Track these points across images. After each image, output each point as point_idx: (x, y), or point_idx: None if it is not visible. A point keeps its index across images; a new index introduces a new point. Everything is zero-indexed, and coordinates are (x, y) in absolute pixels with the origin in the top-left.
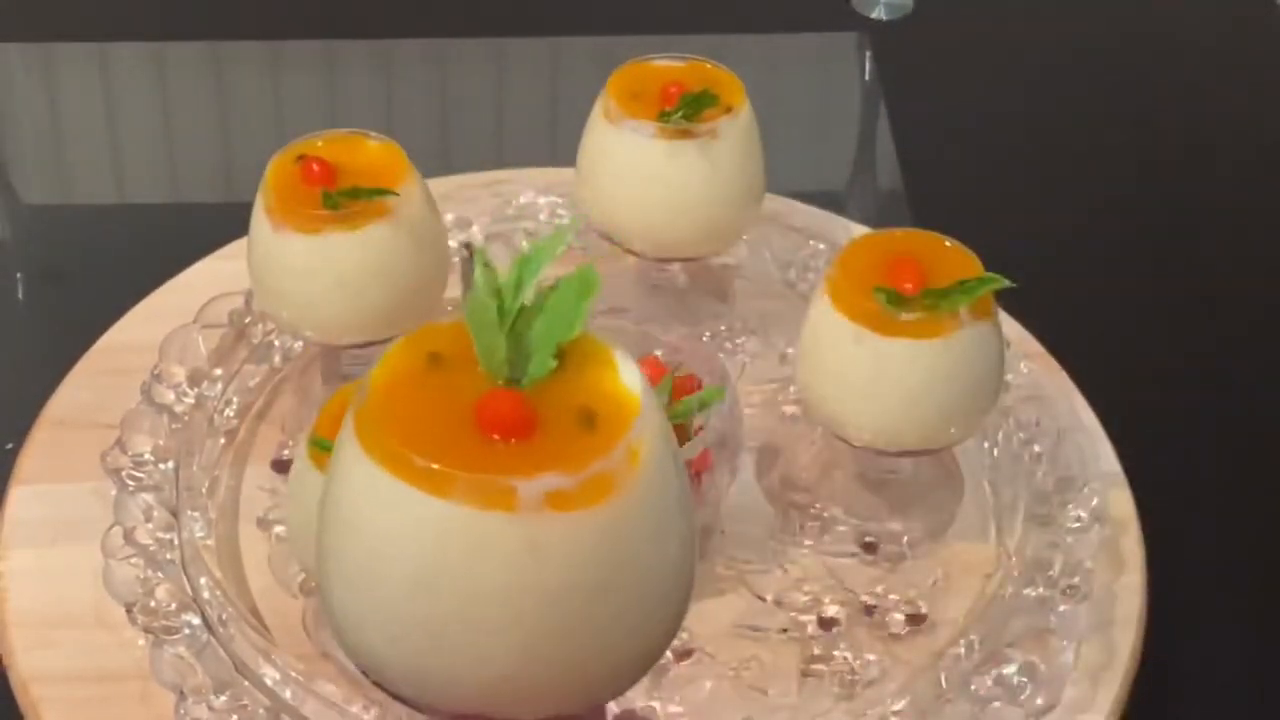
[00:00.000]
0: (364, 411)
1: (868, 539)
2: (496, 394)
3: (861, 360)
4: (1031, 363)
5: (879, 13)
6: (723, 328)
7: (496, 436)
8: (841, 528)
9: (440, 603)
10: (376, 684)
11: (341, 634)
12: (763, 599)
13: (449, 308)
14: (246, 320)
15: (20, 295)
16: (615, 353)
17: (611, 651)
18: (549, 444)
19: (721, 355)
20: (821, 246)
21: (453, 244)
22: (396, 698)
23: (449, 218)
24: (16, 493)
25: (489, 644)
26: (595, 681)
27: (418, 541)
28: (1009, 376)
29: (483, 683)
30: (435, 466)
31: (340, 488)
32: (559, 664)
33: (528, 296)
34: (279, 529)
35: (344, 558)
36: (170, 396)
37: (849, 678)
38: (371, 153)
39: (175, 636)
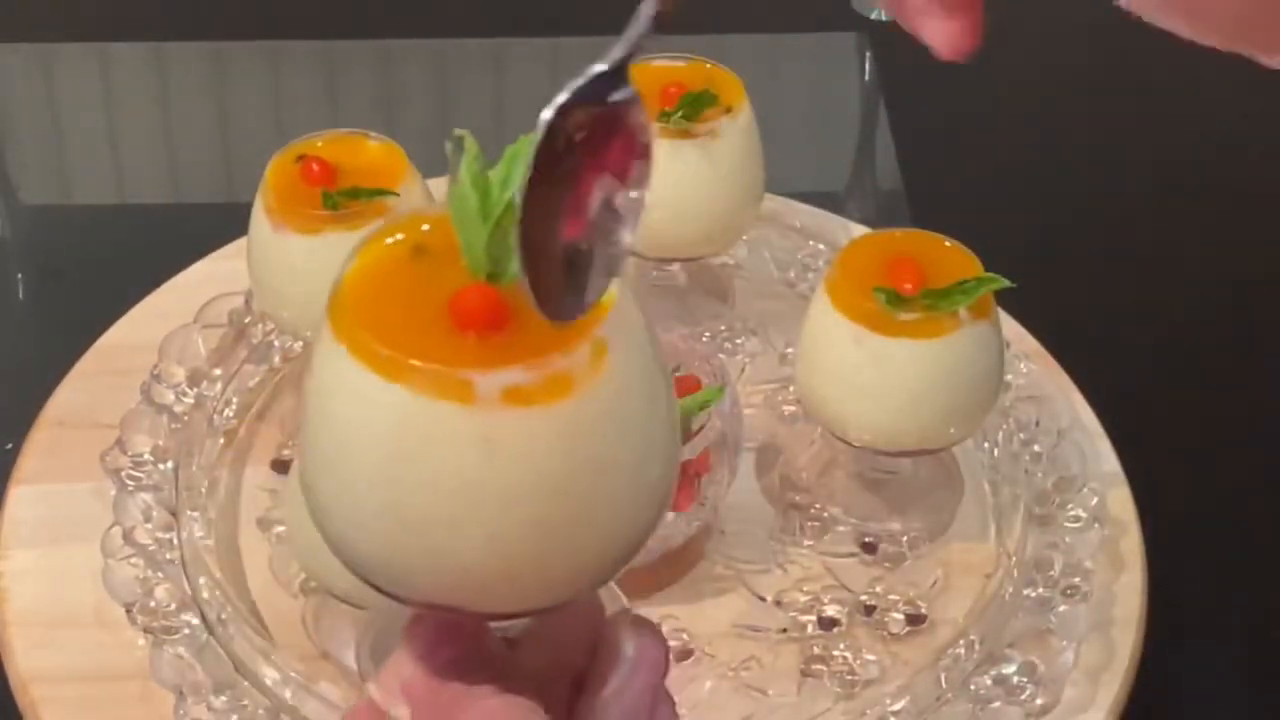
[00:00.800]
0: (338, 297)
1: (867, 539)
2: (471, 289)
3: (861, 360)
4: (1031, 363)
5: (879, 13)
6: (723, 328)
7: (470, 331)
8: (841, 528)
9: (401, 492)
10: (353, 573)
11: (317, 520)
12: (762, 599)
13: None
14: (246, 320)
15: (20, 295)
16: None
17: (579, 551)
18: (519, 340)
19: (721, 355)
20: (821, 246)
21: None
22: (373, 586)
23: None
24: (16, 493)
25: (450, 536)
26: (563, 579)
27: (378, 428)
28: (1009, 376)
29: (448, 574)
30: (394, 354)
31: (314, 373)
32: (523, 560)
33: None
34: (279, 529)
35: (316, 442)
36: (170, 396)
37: (849, 678)
38: (371, 153)
39: (175, 636)
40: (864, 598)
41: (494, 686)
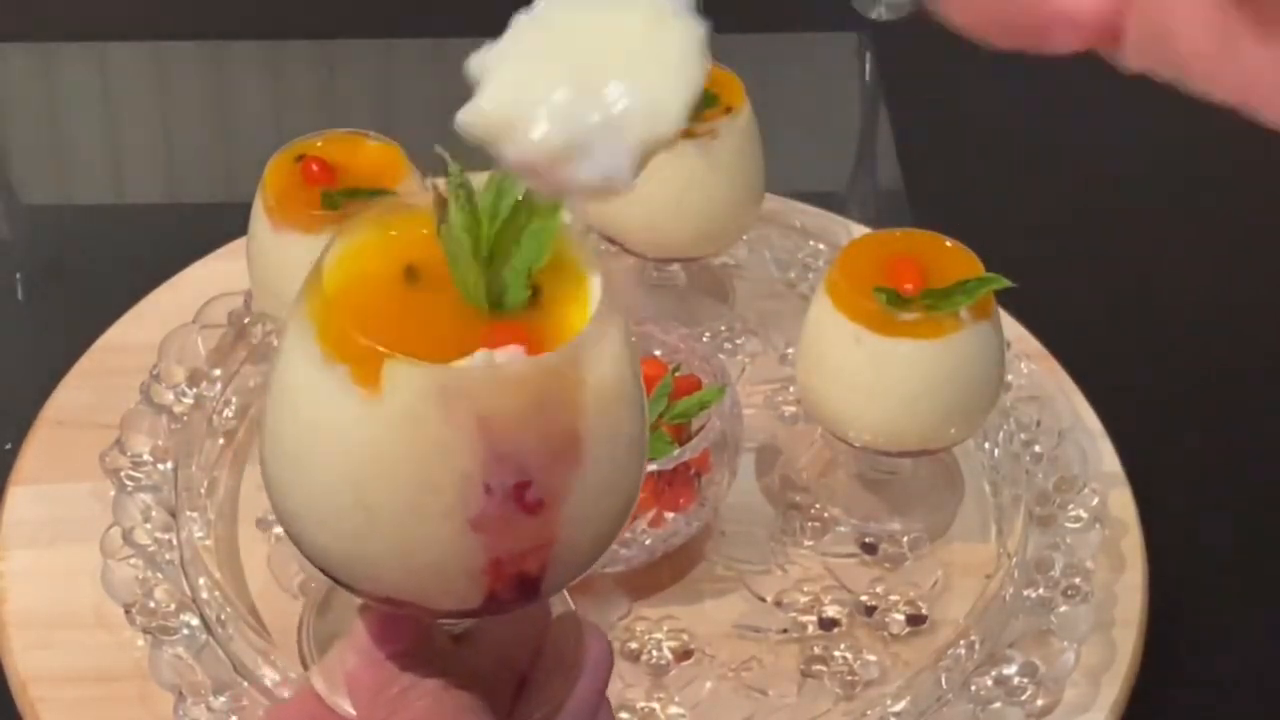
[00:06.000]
0: (323, 297)
1: (868, 539)
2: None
3: (861, 360)
4: (1031, 363)
5: (879, 13)
6: (723, 328)
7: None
8: (841, 528)
9: (372, 488)
10: (316, 566)
11: (279, 513)
12: (763, 599)
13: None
14: (246, 320)
15: (20, 295)
16: (591, 279)
17: None
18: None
19: (721, 355)
20: (821, 246)
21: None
22: (334, 581)
23: None
24: (16, 493)
25: (421, 532)
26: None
27: (349, 425)
28: (1009, 376)
29: (416, 571)
30: (371, 346)
31: (282, 370)
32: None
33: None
34: (278, 529)
35: (280, 438)
36: (169, 397)
37: (849, 678)
38: (371, 153)
39: (174, 637)
40: (864, 598)
41: (439, 682)
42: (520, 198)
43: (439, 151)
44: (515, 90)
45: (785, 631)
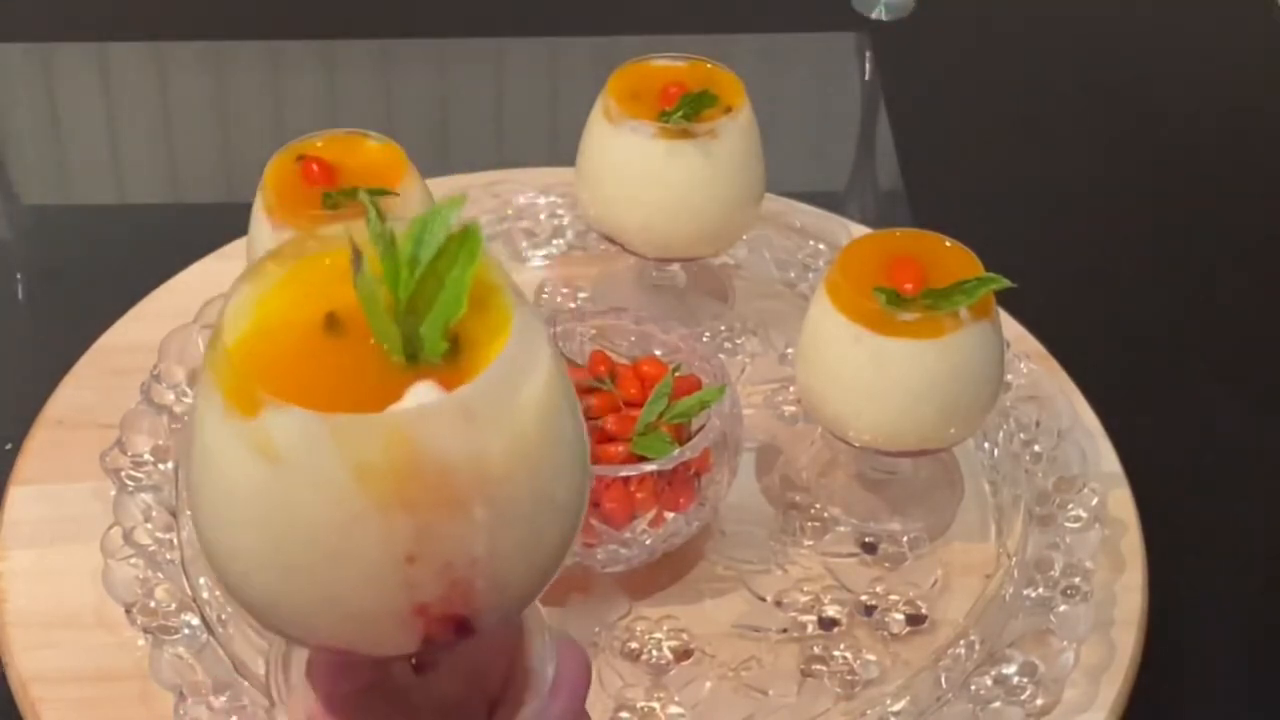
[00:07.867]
0: (228, 357)
1: (868, 539)
2: None
3: (861, 360)
4: (1031, 363)
5: (879, 13)
6: (723, 328)
7: None
8: (841, 528)
9: (282, 540)
10: (253, 618)
11: (211, 563)
12: (763, 599)
13: None
14: None
15: (20, 295)
16: (513, 316)
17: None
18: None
19: (721, 355)
20: (821, 246)
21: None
22: (272, 630)
23: None
24: (16, 493)
25: (340, 581)
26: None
27: (257, 480)
28: (1009, 376)
29: (341, 620)
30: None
31: (198, 427)
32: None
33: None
34: None
35: (200, 495)
36: (170, 396)
37: (849, 678)
38: (371, 153)
39: (175, 636)
40: (864, 598)
41: None
42: (441, 247)
43: (361, 198)
44: None
45: (785, 631)
